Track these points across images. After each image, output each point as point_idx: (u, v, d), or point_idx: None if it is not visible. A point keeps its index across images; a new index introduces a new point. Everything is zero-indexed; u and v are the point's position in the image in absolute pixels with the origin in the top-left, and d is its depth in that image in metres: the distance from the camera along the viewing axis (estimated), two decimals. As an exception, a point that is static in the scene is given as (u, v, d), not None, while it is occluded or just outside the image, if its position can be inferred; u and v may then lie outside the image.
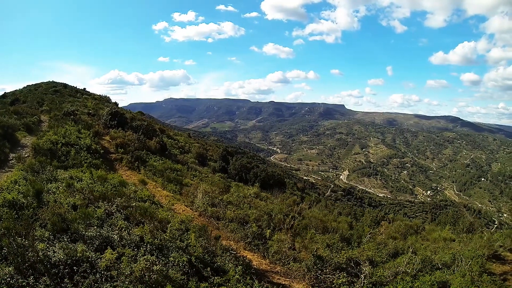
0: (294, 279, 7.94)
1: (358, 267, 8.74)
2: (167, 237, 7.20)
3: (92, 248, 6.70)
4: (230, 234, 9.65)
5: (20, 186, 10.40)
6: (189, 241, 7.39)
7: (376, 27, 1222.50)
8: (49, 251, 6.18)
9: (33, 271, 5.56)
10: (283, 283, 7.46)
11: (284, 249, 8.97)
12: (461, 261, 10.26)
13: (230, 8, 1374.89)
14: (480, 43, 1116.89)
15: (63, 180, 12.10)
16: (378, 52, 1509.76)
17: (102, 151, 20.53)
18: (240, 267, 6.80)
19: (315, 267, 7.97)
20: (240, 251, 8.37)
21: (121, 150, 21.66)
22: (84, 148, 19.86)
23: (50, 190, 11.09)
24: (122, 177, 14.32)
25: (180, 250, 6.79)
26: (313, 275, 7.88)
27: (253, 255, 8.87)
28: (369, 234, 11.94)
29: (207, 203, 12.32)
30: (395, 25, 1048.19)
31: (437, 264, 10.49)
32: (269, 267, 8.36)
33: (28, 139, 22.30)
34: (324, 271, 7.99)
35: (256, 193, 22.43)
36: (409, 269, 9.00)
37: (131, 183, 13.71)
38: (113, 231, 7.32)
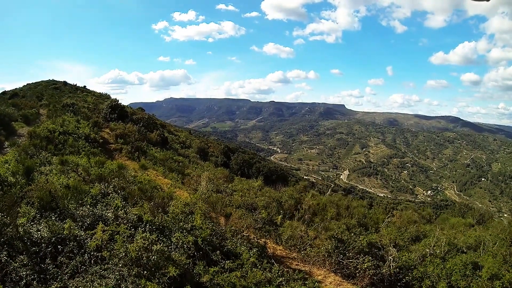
0: (313, 265, 7.00)
1: (382, 251, 7.83)
2: (169, 218, 6.25)
3: (83, 227, 5.76)
4: (238, 220, 8.71)
5: (10, 165, 9.51)
6: (194, 223, 6.43)
7: (377, 27, 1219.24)
8: (32, 228, 5.25)
9: (8, 248, 4.60)
10: (303, 269, 6.51)
11: (299, 233, 8.02)
12: (486, 244, 9.45)
13: (230, 7, 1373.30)
14: (480, 43, 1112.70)
15: (58, 163, 11.20)
16: (378, 52, 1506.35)
17: (101, 140, 19.61)
18: (255, 250, 5.85)
19: (336, 251, 7.03)
20: (251, 236, 7.43)
21: (120, 140, 20.72)
22: (83, 137, 18.96)
23: (43, 172, 10.22)
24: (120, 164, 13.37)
25: (185, 231, 5.83)
26: (335, 260, 6.94)
27: (265, 241, 7.93)
28: (387, 219, 11.00)
29: (212, 190, 11.36)
30: (395, 25, 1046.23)
31: (462, 247, 9.67)
32: (284, 253, 7.43)
33: (25, 130, 21.41)
34: (347, 255, 7.04)
35: (260, 186, 21.50)
36: (437, 251, 8.11)
37: (131, 169, 12.77)
38: (107, 210, 6.38)
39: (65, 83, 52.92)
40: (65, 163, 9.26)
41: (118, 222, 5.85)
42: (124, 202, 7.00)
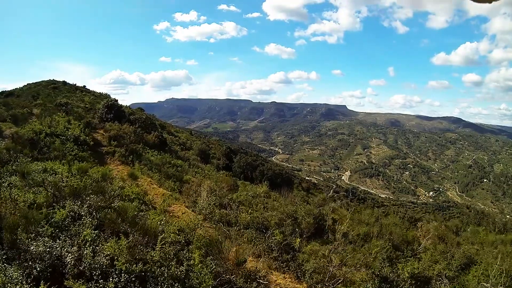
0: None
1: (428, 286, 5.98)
2: (156, 257, 4.41)
3: (30, 276, 3.94)
4: (247, 245, 6.88)
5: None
6: (192, 262, 4.59)
7: (378, 28, 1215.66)
8: None
9: None
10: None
11: (325, 266, 6.18)
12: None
13: (232, 8, 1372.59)
14: (482, 44, 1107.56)
15: (32, 172, 9.39)
16: (379, 52, 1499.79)
17: (92, 143, 17.80)
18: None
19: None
20: (265, 270, 5.59)
21: (114, 142, 18.90)
22: (71, 139, 17.15)
23: (12, 184, 8.44)
24: (109, 170, 11.53)
25: (177, 283, 3.99)
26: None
27: (284, 276, 6.10)
28: (424, 241, 9.11)
29: (214, 203, 9.54)
30: (397, 25, 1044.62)
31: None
32: (312, 299, 5.60)
33: (12, 130, 19.67)
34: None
35: (266, 192, 19.72)
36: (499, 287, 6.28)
37: (119, 177, 10.93)
38: (71, 247, 4.55)
39: (64, 82, 51.80)
40: (26, 176, 7.41)
41: (81, 269, 4.00)
42: (97, 232, 5.17)
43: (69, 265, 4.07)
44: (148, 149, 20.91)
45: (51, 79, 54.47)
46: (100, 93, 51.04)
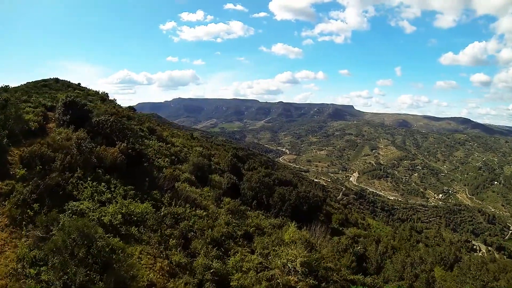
0: None
1: None
2: None
3: None
4: None
5: None
6: None
7: (385, 28, 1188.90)
8: None
9: None
10: None
11: None
12: None
13: (238, 7, 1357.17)
14: (490, 44, 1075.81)
15: None
16: (387, 52, 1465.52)
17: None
18: None
19: None
20: None
21: (21, 171, 9.71)
22: None
23: None
24: None
25: None
26: None
27: None
28: None
29: None
30: (404, 25, 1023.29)
31: None
32: None
33: None
34: None
35: (304, 263, 10.39)
36: None
37: None
38: None
39: (56, 80, 45.23)
40: None
41: None
42: None
43: None
44: (99, 177, 11.63)
45: (53, 77, 48.36)
46: (95, 91, 43.43)
